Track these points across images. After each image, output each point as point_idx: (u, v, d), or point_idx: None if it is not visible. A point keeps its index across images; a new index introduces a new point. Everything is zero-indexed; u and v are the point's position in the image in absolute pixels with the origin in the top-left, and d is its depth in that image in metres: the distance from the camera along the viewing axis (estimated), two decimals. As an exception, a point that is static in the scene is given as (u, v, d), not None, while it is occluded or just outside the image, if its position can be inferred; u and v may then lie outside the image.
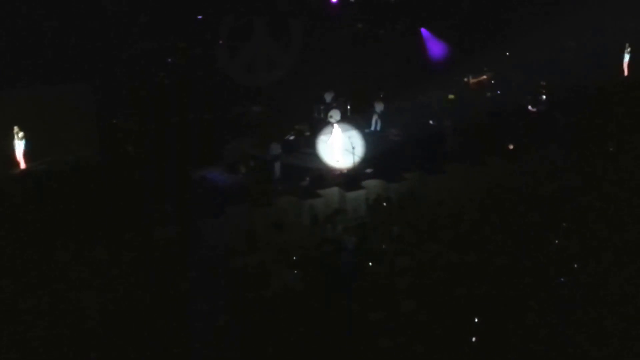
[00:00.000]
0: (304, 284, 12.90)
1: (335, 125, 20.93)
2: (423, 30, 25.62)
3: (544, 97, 23.78)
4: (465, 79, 25.59)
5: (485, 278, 12.70)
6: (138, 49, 21.91)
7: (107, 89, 20.38)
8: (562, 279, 12.73)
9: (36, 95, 18.88)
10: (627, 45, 25.93)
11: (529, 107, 23.65)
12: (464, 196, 17.22)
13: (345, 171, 19.67)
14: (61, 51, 19.17)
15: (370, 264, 13.61)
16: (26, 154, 18.85)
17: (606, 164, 18.78)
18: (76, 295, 12.54)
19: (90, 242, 14.47)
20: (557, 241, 14.18)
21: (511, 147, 20.89)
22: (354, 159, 19.66)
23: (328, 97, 22.70)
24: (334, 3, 24.55)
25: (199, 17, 22.64)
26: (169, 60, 22.63)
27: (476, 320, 11.61)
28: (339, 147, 20.36)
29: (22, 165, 18.90)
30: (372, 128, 22.96)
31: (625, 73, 26.01)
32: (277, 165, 19.37)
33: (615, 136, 20.51)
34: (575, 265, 13.16)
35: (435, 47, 25.77)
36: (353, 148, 19.65)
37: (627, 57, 26.02)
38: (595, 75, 23.18)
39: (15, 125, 18.61)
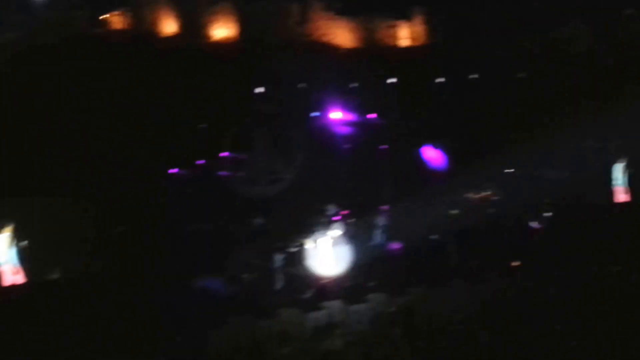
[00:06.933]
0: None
1: (338, 238, 20.88)
2: (426, 145, 25.88)
3: (548, 214, 23.79)
4: (468, 194, 25.65)
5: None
6: (140, 158, 22.00)
7: (106, 199, 20.34)
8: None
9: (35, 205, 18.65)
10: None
11: (533, 225, 23.63)
12: (466, 313, 17.03)
13: (349, 284, 19.53)
14: (60, 162, 19.19)
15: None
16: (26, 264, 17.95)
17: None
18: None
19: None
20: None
21: (515, 264, 20.76)
22: (356, 272, 19.54)
23: (330, 210, 22.72)
24: (333, 119, 24.92)
25: (203, 126, 22.88)
26: (173, 170, 22.71)
27: None
28: (342, 259, 20.25)
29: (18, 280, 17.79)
30: (375, 241, 22.92)
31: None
32: (280, 277, 19.24)
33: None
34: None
35: (438, 161, 25.97)
36: (356, 261, 19.57)
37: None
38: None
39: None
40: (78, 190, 18.90)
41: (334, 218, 22.59)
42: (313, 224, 22.55)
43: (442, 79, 24.68)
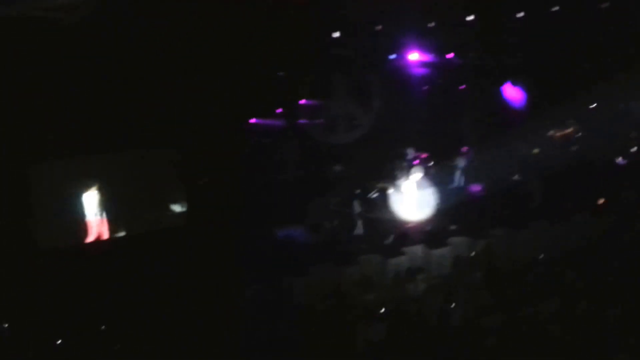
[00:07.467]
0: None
1: (418, 182, 20.82)
2: (507, 83, 25.29)
3: (634, 149, 23.17)
4: (550, 132, 25.12)
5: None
6: (220, 109, 22.10)
7: (187, 151, 20.54)
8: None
9: (119, 159, 18.95)
10: None
11: (618, 160, 23.07)
12: (550, 255, 16.81)
13: (430, 228, 19.51)
14: (141, 115, 19.37)
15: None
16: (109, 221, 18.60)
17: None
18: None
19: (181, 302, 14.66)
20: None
21: (601, 202, 20.33)
22: (438, 215, 19.49)
23: (410, 153, 22.61)
24: (411, 61, 24.56)
25: (280, 74, 22.77)
26: (254, 120, 22.79)
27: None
28: (423, 204, 20.21)
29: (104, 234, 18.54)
30: (456, 184, 22.76)
31: None
32: (360, 223, 19.31)
33: None
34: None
35: (518, 100, 25.43)
36: (437, 204, 19.51)
37: None
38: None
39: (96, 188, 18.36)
40: (158, 143, 19.13)
41: (414, 162, 22.51)
42: (393, 168, 22.54)
43: (522, 14, 23.86)
